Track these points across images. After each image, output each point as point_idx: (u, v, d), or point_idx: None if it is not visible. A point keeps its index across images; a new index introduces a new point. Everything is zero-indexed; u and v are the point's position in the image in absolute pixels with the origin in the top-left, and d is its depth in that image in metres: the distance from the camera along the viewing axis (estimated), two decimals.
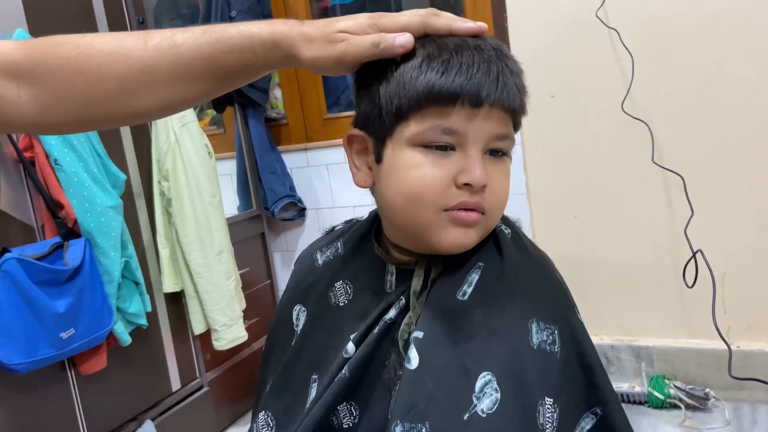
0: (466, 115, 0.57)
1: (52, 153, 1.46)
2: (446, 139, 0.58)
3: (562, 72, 1.93)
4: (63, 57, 0.56)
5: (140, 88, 0.57)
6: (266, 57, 0.57)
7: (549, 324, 0.62)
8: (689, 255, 1.72)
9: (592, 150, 1.96)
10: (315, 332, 0.72)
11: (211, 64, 0.57)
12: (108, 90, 0.56)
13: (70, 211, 1.50)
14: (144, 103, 0.57)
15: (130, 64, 0.56)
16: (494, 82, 0.57)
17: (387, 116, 0.59)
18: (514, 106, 0.59)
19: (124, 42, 0.56)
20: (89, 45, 0.56)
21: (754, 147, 1.78)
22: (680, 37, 1.80)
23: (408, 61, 0.57)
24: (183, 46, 0.56)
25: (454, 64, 0.56)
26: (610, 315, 2.05)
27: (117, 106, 0.57)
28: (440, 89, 0.56)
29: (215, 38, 0.56)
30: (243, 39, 0.56)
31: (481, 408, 0.56)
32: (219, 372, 2.09)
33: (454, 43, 0.58)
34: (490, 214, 0.61)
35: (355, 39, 0.56)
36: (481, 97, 0.56)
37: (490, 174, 0.59)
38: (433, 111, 0.57)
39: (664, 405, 1.88)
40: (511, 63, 0.60)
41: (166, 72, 0.56)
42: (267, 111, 2.49)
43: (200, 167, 1.88)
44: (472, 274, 0.63)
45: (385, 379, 0.65)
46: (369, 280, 0.70)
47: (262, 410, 0.74)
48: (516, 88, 0.59)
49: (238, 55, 0.56)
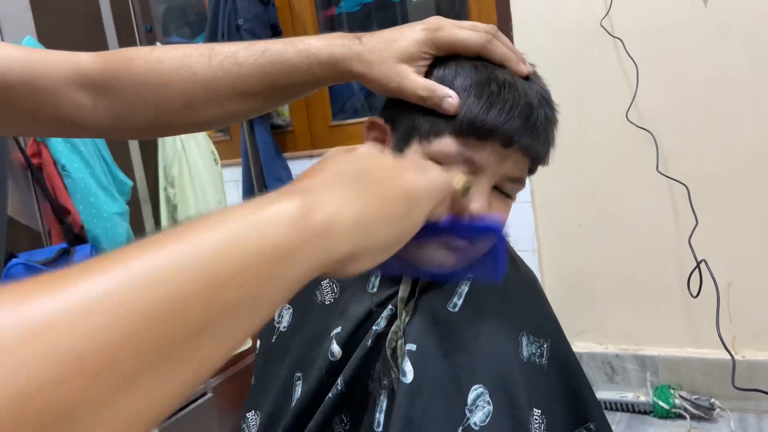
0: (493, 152, 0.57)
1: (59, 159, 1.48)
2: (464, 168, 0.58)
3: (567, 81, 1.93)
4: (135, 72, 0.59)
5: (203, 103, 0.60)
6: (324, 76, 0.59)
7: (538, 338, 0.63)
8: (694, 265, 1.71)
9: (597, 159, 1.96)
10: (300, 330, 0.73)
11: (271, 82, 0.59)
12: (174, 104, 0.60)
13: (77, 217, 1.51)
14: (206, 116, 0.61)
15: (195, 82, 0.59)
16: (530, 130, 0.57)
17: (424, 124, 0.59)
18: (540, 156, 0.60)
19: (190, 59, 0.59)
20: (158, 61, 0.59)
21: (759, 157, 1.77)
22: (685, 46, 1.80)
23: (457, 78, 0.57)
24: (245, 65, 0.58)
25: (499, 101, 0.56)
26: (615, 324, 2.04)
27: (182, 118, 0.61)
28: (480, 123, 0.56)
29: (275, 59, 0.58)
30: (301, 60, 0.58)
31: (474, 421, 0.57)
32: (223, 378, 2.10)
33: (504, 77, 0.57)
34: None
35: (407, 83, 0.57)
36: (513, 140, 0.56)
37: (491, 208, 0.60)
38: (466, 139, 0.57)
39: (669, 415, 1.87)
40: (551, 112, 0.61)
41: (227, 89, 0.59)
42: (273, 118, 2.50)
43: (206, 174, 1.89)
44: (462, 286, 0.64)
45: (371, 388, 0.65)
46: (353, 278, 0.70)
47: (251, 409, 0.75)
48: (547, 139, 0.60)
49: (297, 75, 0.58)
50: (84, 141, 1.52)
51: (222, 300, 0.28)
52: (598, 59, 1.90)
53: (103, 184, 1.54)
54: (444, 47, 0.57)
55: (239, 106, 0.61)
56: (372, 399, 0.65)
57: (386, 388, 0.63)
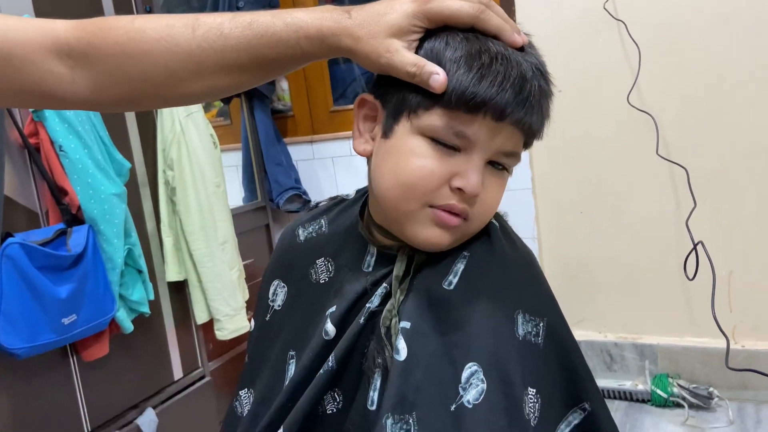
0: (485, 126, 0.56)
1: (56, 139, 1.47)
2: (456, 142, 0.57)
3: (570, 66, 1.92)
4: (114, 42, 0.57)
5: (187, 76, 0.57)
6: (312, 50, 0.57)
7: (534, 316, 0.62)
8: (691, 248, 1.71)
9: (598, 145, 1.95)
10: (294, 309, 0.72)
11: (257, 56, 0.57)
12: (156, 76, 0.57)
13: (74, 198, 1.50)
14: (190, 90, 0.59)
15: (177, 53, 0.56)
16: (522, 102, 0.56)
17: (413, 98, 0.58)
18: (533, 129, 0.59)
19: (173, 29, 0.56)
20: (140, 30, 0.56)
21: (762, 144, 1.75)
22: (689, 30, 1.78)
23: (447, 49, 0.56)
24: (230, 38, 0.56)
25: (490, 72, 0.55)
26: (614, 313, 2.04)
27: (164, 91, 0.59)
28: (470, 96, 0.55)
29: (262, 31, 0.56)
30: (289, 33, 0.56)
31: (467, 399, 0.56)
32: (221, 362, 2.10)
33: (497, 48, 0.56)
34: (472, 222, 0.61)
35: (397, 59, 0.55)
36: (506, 113, 0.55)
37: (486, 184, 0.59)
38: (456, 113, 0.56)
39: (667, 403, 1.87)
40: (545, 84, 0.59)
41: (212, 62, 0.57)
42: (273, 103, 2.49)
43: (205, 157, 1.88)
44: (458, 264, 0.63)
45: (364, 367, 0.64)
46: (349, 257, 0.70)
47: (244, 387, 0.74)
48: (541, 111, 0.59)
49: (284, 49, 0.56)
50: (81, 121, 1.51)
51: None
52: (602, 44, 1.88)
53: (101, 165, 1.53)
54: (435, 19, 0.56)
55: (224, 81, 0.58)
56: (366, 378, 0.64)
57: (380, 366, 0.63)
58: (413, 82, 0.56)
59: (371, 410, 0.62)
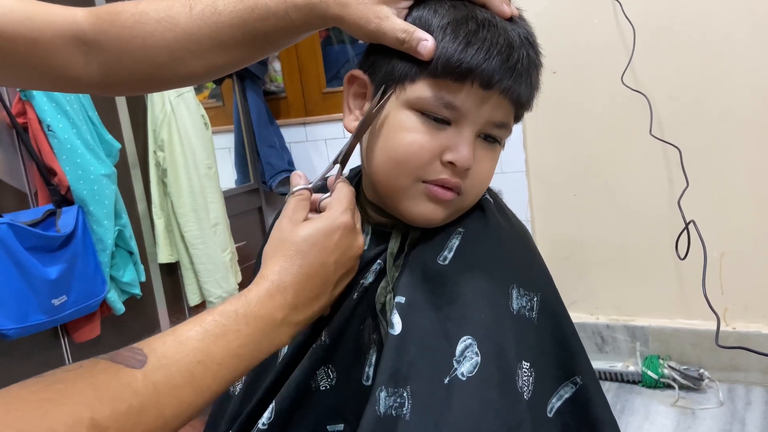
0: (473, 95, 0.55)
1: (44, 119, 1.45)
2: (445, 113, 0.56)
3: (565, 46, 1.90)
4: (121, 26, 0.59)
5: (186, 55, 0.59)
6: (301, 21, 0.57)
7: (528, 291, 0.61)
8: (684, 231, 1.71)
9: (591, 126, 1.94)
10: None
11: (249, 31, 0.58)
12: (159, 57, 0.59)
13: (63, 178, 1.49)
14: (191, 69, 0.60)
15: (177, 32, 0.58)
16: (510, 70, 0.55)
17: (401, 67, 0.57)
18: (522, 98, 0.58)
19: (172, 10, 0.59)
20: (143, 13, 0.59)
21: (756, 126, 1.75)
22: (684, 9, 1.77)
23: (434, 17, 0.56)
24: (224, 14, 0.57)
25: (477, 40, 0.54)
26: (606, 294, 2.04)
27: (167, 72, 0.61)
28: (456, 64, 0.54)
29: (252, 5, 0.57)
30: (278, 5, 0.56)
31: (461, 371, 0.56)
32: None
33: (484, 15, 0.55)
34: (466, 196, 0.60)
35: (386, 25, 0.55)
36: (493, 81, 0.55)
37: (478, 158, 0.58)
38: (442, 82, 0.55)
39: (657, 385, 1.88)
40: (533, 54, 0.58)
41: (208, 39, 0.58)
42: (266, 84, 2.46)
43: (196, 138, 1.86)
44: (452, 240, 0.62)
45: (360, 343, 0.64)
46: None
47: None
48: (530, 81, 0.58)
49: (274, 21, 0.57)
50: (70, 100, 1.49)
51: None
52: (597, 24, 1.86)
53: (90, 145, 1.52)
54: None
55: (220, 59, 0.60)
56: (362, 354, 0.64)
57: (376, 342, 0.62)
58: (402, 50, 0.55)
59: (366, 385, 0.62)
